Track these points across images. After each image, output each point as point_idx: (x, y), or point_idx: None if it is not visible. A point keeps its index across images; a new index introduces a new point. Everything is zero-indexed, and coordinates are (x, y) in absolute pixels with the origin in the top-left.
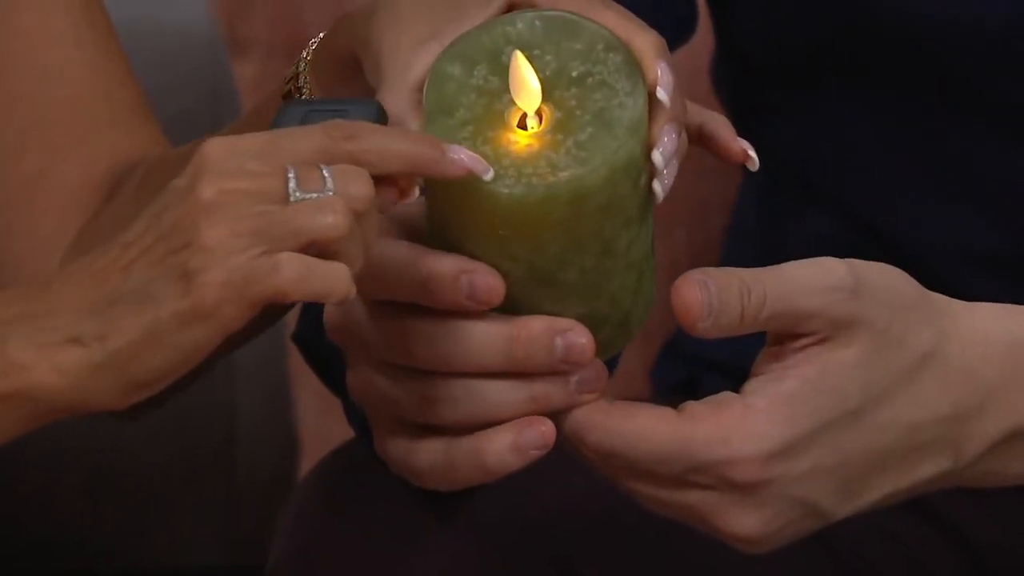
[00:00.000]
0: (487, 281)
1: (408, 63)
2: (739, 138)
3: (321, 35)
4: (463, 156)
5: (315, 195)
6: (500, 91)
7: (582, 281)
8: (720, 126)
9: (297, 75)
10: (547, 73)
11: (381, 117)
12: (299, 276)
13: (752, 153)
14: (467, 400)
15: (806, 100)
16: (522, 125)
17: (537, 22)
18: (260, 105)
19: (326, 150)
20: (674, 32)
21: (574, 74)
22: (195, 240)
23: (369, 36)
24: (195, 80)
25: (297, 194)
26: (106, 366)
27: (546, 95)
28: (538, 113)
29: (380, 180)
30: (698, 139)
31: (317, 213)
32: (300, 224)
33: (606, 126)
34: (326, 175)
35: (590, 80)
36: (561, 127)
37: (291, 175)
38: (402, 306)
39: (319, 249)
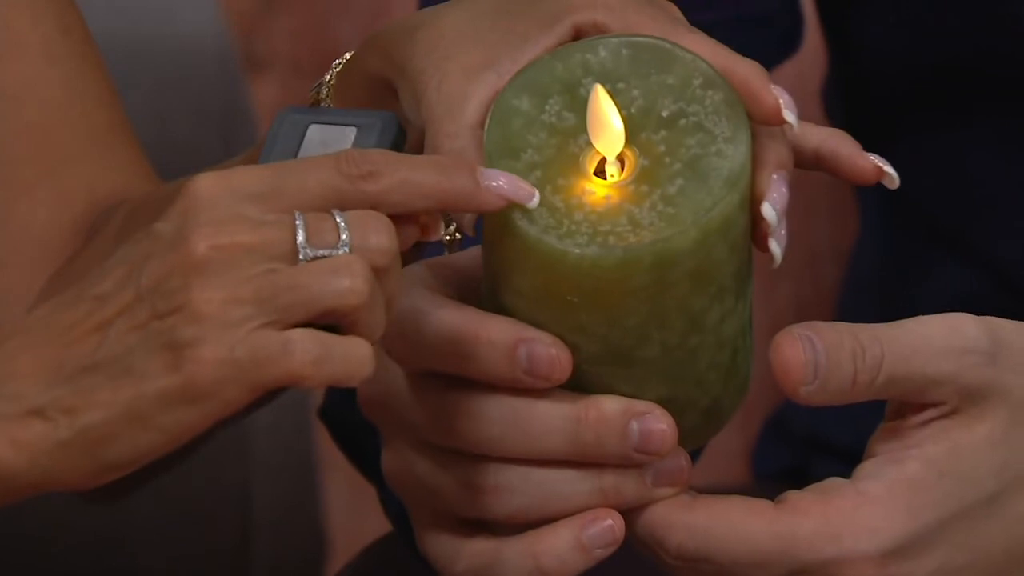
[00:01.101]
0: (550, 353)
1: (463, 95)
2: (867, 153)
3: (347, 55)
4: (502, 183)
5: (328, 251)
6: (576, 131)
7: (664, 360)
8: (842, 142)
9: (318, 102)
10: (632, 111)
11: (400, 135)
12: (315, 358)
13: (888, 168)
14: (523, 491)
15: (941, 131)
16: (600, 172)
17: (624, 50)
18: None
19: (340, 192)
20: (777, 47)
21: (665, 114)
22: (186, 304)
23: (407, 61)
24: (203, 103)
25: (307, 250)
26: (74, 444)
27: (630, 137)
28: (620, 159)
29: (399, 216)
30: (815, 162)
31: (332, 276)
32: (313, 291)
33: (700, 178)
34: (341, 224)
35: (683, 122)
36: (647, 177)
37: (299, 224)
38: (449, 379)
39: (334, 319)
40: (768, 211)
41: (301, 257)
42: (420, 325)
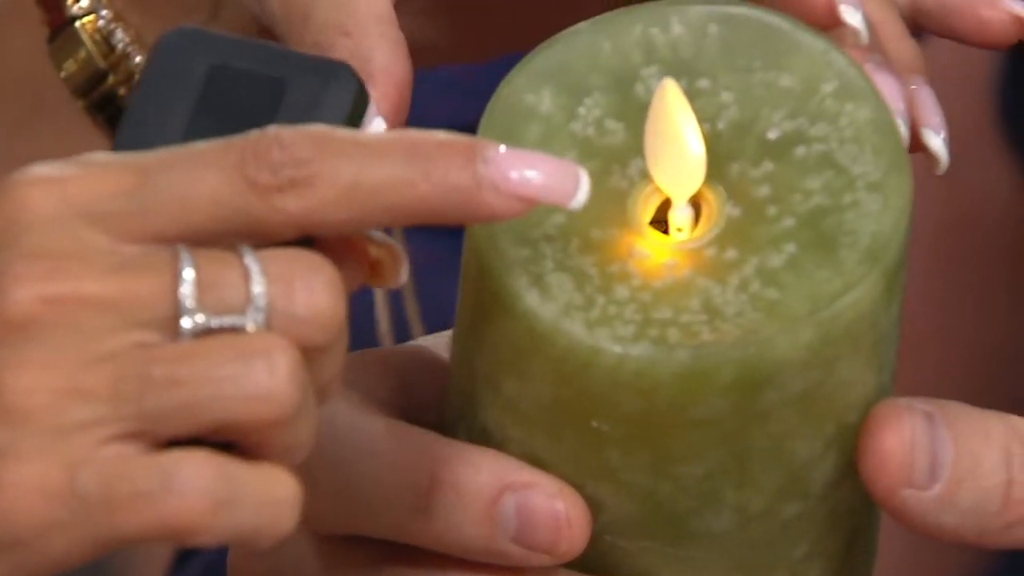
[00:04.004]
0: (553, 509)
1: None
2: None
3: None
4: (528, 173)
5: (231, 319)
6: (625, 152)
7: (741, 536)
8: None
9: None
10: (720, 127)
11: (359, 99)
12: (214, 500)
13: None
14: None
15: None
16: (661, 222)
17: (712, 26)
18: None
19: (247, 213)
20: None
21: (773, 135)
22: None
23: None
24: None
25: (197, 315)
26: None
27: (714, 169)
28: (694, 202)
29: (337, 246)
30: (912, 26)
31: (241, 370)
32: (208, 392)
33: (824, 244)
34: (253, 271)
35: (802, 150)
36: (737, 236)
37: (185, 268)
38: (387, 548)
39: (235, 436)
40: (934, 142)
41: (185, 326)
42: (341, 457)
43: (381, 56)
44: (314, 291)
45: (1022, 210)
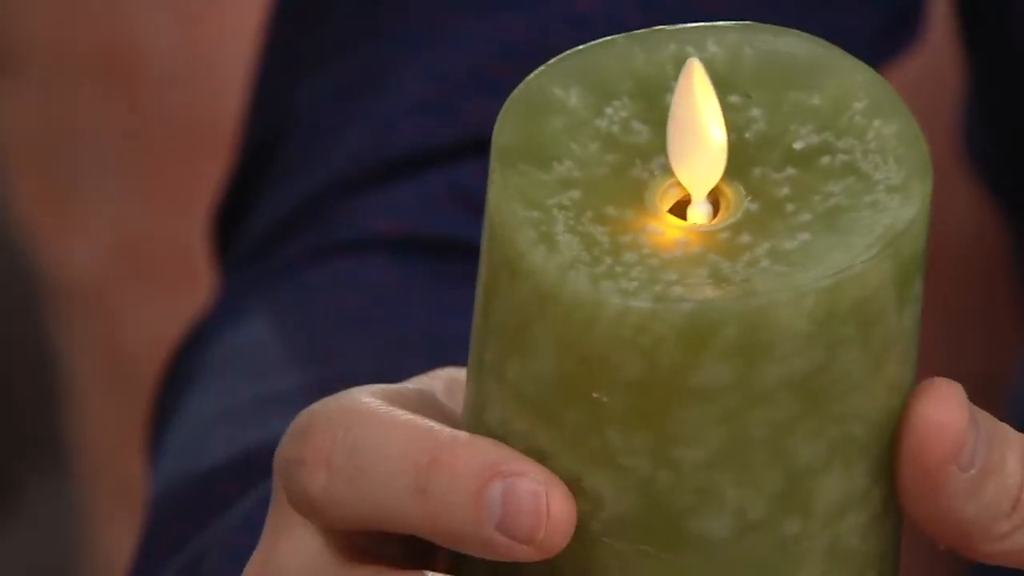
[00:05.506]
0: (535, 496)
1: None
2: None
3: None
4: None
5: None
6: (648, 150)
7: (736, 549)
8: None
9: None
10: (747, 136)
11: None
12: None
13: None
14: None
15: None
16: (679, 212)
17: (747, 48)
18: None
19: None
20: (886, 34)
21: (798, 146)
22: None
23: None
24: None
25: None
26: None
27: (734, 169)
28: (712, 198)
29: None
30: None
31: None
32: None
33: (837, 231)
34: None
35: (826, 160)
36: (752, 224)
37: None
38: (407, 549)
39: None
40: None
41: None
42: (359, 441)
43: None
44: None
45: (991, 239)
